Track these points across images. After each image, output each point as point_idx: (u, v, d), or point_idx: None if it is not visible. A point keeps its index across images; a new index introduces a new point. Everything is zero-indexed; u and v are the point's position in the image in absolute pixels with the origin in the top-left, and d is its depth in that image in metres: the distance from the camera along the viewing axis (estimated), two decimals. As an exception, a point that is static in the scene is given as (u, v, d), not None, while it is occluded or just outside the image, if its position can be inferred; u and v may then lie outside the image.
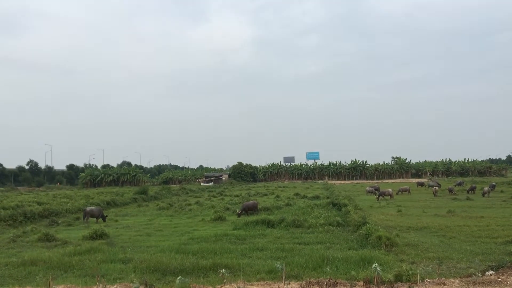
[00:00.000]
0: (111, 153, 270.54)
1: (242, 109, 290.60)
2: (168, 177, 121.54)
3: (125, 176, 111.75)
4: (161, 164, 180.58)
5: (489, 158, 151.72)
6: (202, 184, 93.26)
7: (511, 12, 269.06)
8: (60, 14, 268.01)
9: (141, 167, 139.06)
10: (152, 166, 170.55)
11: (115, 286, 9.62)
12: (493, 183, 51.01)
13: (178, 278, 8.75)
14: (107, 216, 27.70)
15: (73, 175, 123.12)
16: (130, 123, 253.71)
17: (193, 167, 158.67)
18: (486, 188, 40.73)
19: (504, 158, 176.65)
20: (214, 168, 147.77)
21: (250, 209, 28.04)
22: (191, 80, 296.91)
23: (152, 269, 12.34)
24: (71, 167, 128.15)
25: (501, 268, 10.09)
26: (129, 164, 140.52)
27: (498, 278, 9.22)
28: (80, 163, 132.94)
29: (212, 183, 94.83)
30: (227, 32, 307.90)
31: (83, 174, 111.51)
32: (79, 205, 35.26)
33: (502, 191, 45.26)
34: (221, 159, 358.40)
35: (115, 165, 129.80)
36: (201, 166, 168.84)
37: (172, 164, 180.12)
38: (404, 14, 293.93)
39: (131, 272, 11.86)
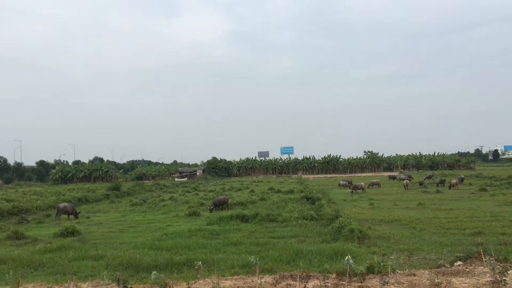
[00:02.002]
0: (82, 149, 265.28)
1: (217, 104, 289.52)
2: (141, 172, 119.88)
3: (97, 172, 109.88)
4: (135, 159, 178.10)
5: (458, 152, 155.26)
6: (176, 179, 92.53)
7: (483, 8, 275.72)
8: (32, 9, 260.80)
9: (113, 163, 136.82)
10: (125, 162, 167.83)
11: (87, 284, 9.48)
12: (462, 176, 52.38)
13: (153, 273, 8.66)
14: (79, 212, 27.24)
15: (43, 171, 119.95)
16: (102, 119, 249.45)
17: (167, 163, 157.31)
18: (453, 181, 41.83)
19: (472, 151, 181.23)
20: (189, 164, 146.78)
21: (221, 204, 28.15)
22: (166, 75, 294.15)
23: (125, 266, 12.22)
24: (41, 163, 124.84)
25: (469, 258, 10.33)
26: (101, 160, 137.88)
27: (466, 268, 9.46)
28: (50, 159, 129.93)
29: (186, 179, 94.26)
30: (202, 27, 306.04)
31: (53, 170, 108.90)
32: (50, 202, 34.57)
33: (470, 184, 46.55)
34: (196, 154, 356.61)
35: (86, 161, 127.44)
36: (175, 161, 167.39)
37: (145, 159, 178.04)
38: (379, 10, 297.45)
39: (104, 269, 11.67)
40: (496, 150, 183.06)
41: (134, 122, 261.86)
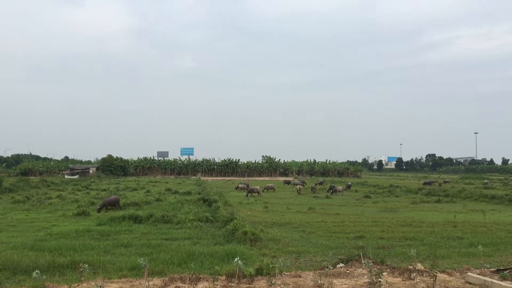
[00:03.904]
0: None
1: (114, 99, 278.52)
2: (27, 168, 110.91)
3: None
4: (20, 153, 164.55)
5: (348, 160, 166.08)
6: (66, 176, 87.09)
7: (377, 26, 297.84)
8: None
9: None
10: (9, 156, 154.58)
11: (-48, 288, 8.57)
12: (349, 183, 55.88)
13: (35, 271, 8.08)
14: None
15: None
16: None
17: (57, 159, 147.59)
18: (339, 188, 44.86)
19: (360, 160, 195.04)
20: (81, 160, 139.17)
21: (111, 205, 27.05)
22: (60, 65, 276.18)
23: (1, 267, 11.27)
24: None
25: (350, 261, 11.07)
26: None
27: (347, 270, 10.14)
28: None
29: (77, 176, 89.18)
30: (103, 18, 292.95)
31: None
32: None
33: (356, 191, 49.85)
34: (90, 151, 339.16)
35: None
36: (66, 157, 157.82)
37: (33, 154, 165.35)
38: (286, 20, 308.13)
39: (-26, 272, 10.68)
40: (380, 161, 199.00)
41: (22, 111, 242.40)
